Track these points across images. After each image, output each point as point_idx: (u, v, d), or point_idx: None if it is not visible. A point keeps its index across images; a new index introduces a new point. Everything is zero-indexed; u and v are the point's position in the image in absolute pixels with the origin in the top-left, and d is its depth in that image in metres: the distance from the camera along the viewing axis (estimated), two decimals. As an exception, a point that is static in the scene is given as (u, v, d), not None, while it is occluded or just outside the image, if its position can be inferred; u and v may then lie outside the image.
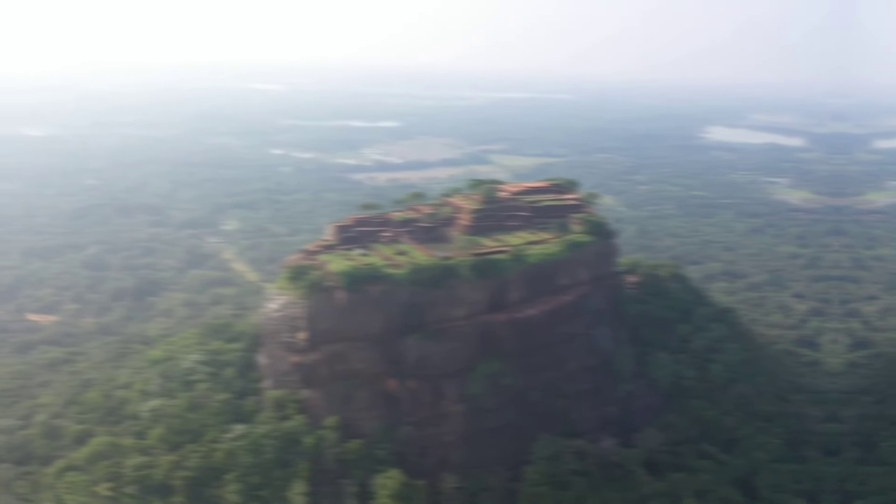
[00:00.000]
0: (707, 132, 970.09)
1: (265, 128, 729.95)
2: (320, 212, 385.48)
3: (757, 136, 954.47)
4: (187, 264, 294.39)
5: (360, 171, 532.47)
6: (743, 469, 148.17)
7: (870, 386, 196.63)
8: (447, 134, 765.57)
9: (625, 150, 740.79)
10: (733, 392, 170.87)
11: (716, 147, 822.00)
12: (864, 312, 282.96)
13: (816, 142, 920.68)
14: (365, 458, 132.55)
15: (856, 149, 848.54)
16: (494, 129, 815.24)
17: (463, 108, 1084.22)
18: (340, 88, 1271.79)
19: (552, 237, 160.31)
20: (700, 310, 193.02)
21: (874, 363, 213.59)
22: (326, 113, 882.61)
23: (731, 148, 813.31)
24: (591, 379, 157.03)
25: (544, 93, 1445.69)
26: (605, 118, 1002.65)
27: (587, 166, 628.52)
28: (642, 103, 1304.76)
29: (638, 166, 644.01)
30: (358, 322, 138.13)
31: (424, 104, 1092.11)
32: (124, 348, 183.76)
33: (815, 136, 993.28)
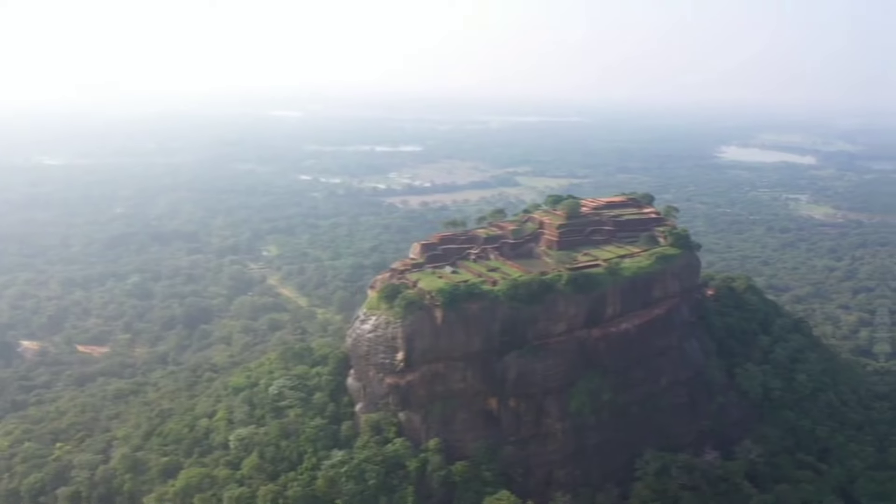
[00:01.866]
0: (722, 152, 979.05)
1: (289, 154, 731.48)
2: (360, 235, 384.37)
3: (769, 154, 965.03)
4: (234, 291, 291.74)
5: (391, 195, 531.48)
6: (841, 478, 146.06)
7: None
8: (470, 157, 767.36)
9: (647, 171, 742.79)
10: (820, 401, 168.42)
11: (733, 166, 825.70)
12: None
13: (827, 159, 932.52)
14: (471, 480, 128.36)
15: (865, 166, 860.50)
16: (516, 152, 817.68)
17: (481, 131, 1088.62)
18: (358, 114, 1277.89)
19: (641, 250, 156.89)
20: (778, 321, 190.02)
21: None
22: (348, 138, 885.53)
23: (748, 167, 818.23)
24: (685, 392, 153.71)
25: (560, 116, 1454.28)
26: (623, 140, 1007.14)
27: (613, 186, 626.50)
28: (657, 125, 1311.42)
29: (664, 186, 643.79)
30: (457, 340, 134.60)
31: (444, 129, 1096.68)
32: (194, 377, 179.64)
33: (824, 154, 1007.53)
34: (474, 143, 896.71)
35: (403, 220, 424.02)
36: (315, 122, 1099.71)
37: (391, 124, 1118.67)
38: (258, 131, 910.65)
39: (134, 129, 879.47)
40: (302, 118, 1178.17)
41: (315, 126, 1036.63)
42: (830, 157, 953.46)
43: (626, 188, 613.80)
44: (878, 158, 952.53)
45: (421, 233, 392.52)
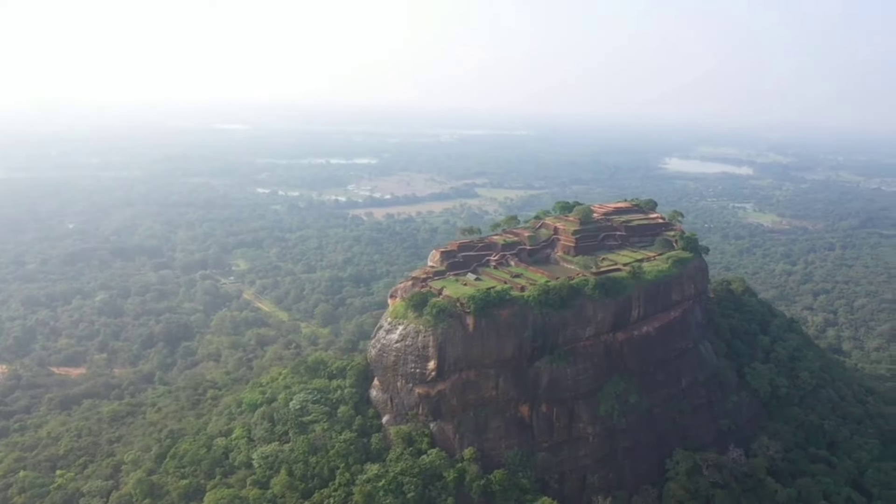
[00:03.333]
0: (666, 163, 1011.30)
1: (242, 167, 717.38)
2: (330, 248, 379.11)
3: (709, 166, 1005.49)
4: (210, 306, 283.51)
5: (354, 207, 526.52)
6: (852, 470, 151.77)
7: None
8: (426, 170, 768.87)
9: (600, 182, 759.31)
10: (822, 397, 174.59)
11: (679, 177, 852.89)
12: (870, 321, 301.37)
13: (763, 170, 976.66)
14: (510, 489, 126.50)
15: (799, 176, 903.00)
16: (470, 164, 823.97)
17: (433, 144, 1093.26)
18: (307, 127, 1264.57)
19: (656, 254, 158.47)
20: (774, 321, 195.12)
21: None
22: (301, 151, 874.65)
23: (693, 177, 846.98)
24: (704, 393, 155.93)
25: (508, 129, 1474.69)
26: (573, 152, 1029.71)
27: (570, 197, 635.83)
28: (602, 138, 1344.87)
29: (618, 196, 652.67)
30: (489, 347, 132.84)
31: (395, 142, 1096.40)
32: (197, 396, 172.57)
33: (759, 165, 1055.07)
34: (428, 156, 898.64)
35: (372, 231, 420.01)
36: (264, 136, 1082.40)
37: (342, 137, 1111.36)
38: (206, 145, 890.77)
39: (74, 142, 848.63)
40: (250, 131, 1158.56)
41: (264, 139, 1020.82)
42: (766, 168, 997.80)
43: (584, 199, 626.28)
44: (809, 169, 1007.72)
45: (393, 244, 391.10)
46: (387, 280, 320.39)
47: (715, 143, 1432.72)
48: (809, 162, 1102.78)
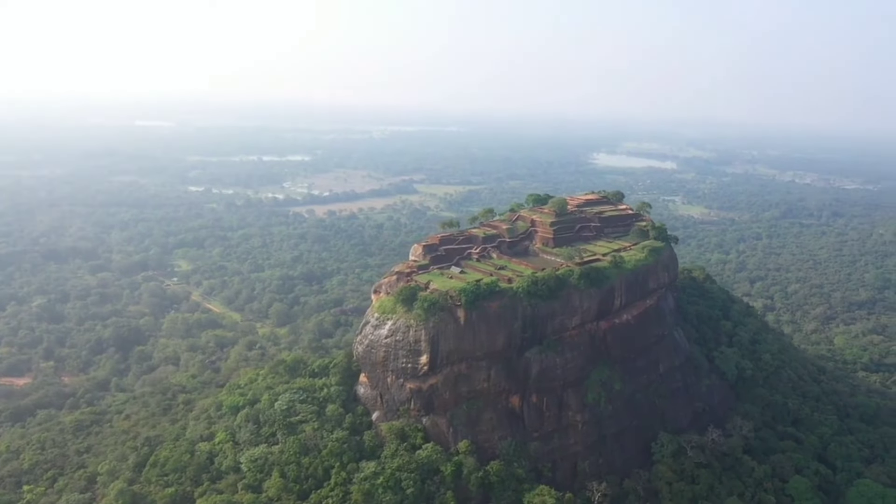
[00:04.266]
0: (595, 159, 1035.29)
1: (171, 165, 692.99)
2: (276, 246, 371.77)
3: (635, 160, 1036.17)
4: (157, 309, 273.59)
5: (294, 205, 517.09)
6: (816, 445, 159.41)
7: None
8: (362, 166, 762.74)
9: (534, 177, 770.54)
10: (783, 377, 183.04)
11: (609, 171, 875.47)
12: (804, 305, 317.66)
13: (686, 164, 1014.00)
14: (507, 479, 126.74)
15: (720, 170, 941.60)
16: (407, 161, 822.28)
17: (367, 140, 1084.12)
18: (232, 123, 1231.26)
19: (631, 244, 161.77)
20: (734, 306, 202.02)
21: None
22: (231, 148, 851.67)
23: (622, 172, 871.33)
24: (679, 377, 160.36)
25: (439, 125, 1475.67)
26: (505, 148, 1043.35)
27: (509, 192, 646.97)
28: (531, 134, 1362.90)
29: (554, 190, 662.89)
30: (480, 340, 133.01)
31: (327, 138, 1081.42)
32: (167, 401, 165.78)
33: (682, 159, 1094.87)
34: (363, 152, 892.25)
35: (317, 229, 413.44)
36: (190, 132, 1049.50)
37: (270, 134, 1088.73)
38: (130, 141, 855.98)
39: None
40: (174, 128, 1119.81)
41: (191, 136, 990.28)
42: (688, 163, 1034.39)
43: (521, 193, 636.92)
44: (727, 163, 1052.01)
45: (340, 242, 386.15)
46: (339, 278, 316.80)
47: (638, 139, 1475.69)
48: (727, 156, 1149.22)
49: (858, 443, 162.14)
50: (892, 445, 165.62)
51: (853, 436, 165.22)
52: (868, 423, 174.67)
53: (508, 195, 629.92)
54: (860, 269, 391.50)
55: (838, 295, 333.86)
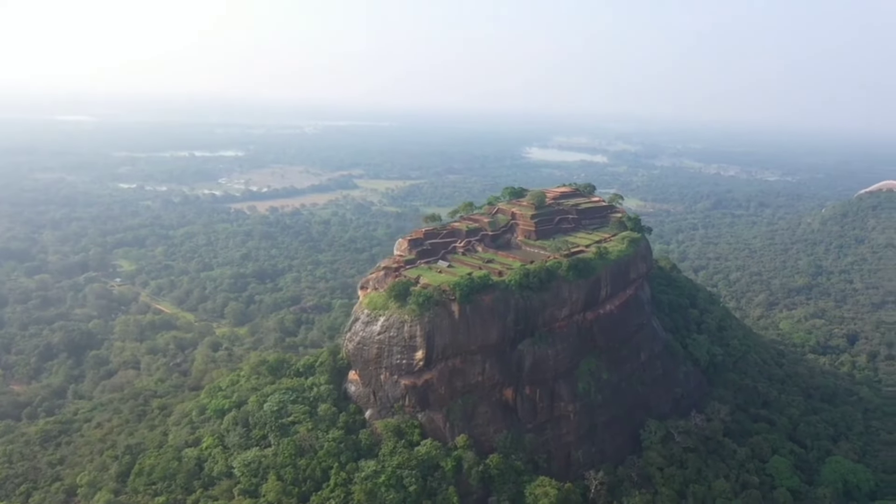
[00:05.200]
0: (528, 153, 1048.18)
1: (98, 161, 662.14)
2: (221, 244, 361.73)
3: (567, 154, 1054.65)
4: (106, 311, 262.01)
5: (233, 201, 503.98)
6: (787, 426, 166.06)
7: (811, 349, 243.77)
8: (298, 161, 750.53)
9: (472, 171, 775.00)
10: (751, 361, 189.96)
11: (543, 165, 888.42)
12: (747, 292, 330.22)
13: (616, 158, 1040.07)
14: (507, 472, 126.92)
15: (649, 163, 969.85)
16: (344, 156, 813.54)
17: (299, 135, 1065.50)
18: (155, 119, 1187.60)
19: (610, 235, 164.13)
20: (699, 294, 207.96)
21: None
22: (159, 144, 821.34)
23: (556, 166, 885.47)
24: (659, 365, 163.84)
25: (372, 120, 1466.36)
26: (440, 143, 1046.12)
27: (450, 186, 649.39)
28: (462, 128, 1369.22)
29: (493, 185, 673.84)
30: (475, 333, 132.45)
31: (257, 133, 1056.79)
32: (140, 406, 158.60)
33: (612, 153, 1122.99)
34: (297, 148, 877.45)
35: (262, 226, 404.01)
36: (113, 128, 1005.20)
37: (197, 129, 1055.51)
38: (51, 138, 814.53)
39: None
40: (97, 123, 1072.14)
41: (115, 131, 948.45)
42: (619, 156, 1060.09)
43: (462, 187, 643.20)
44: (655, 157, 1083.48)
45: (288, 238, 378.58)
46: (293, 275, 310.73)
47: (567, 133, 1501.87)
48: (654, 150, 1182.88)
49: (823, 422, 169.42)
50: (853, 423, 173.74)
51: (818, 415, 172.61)
52: (829, 403, 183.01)
53: (450, 189, 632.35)
54: (793, 256, 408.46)
55: (777, 282, 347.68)
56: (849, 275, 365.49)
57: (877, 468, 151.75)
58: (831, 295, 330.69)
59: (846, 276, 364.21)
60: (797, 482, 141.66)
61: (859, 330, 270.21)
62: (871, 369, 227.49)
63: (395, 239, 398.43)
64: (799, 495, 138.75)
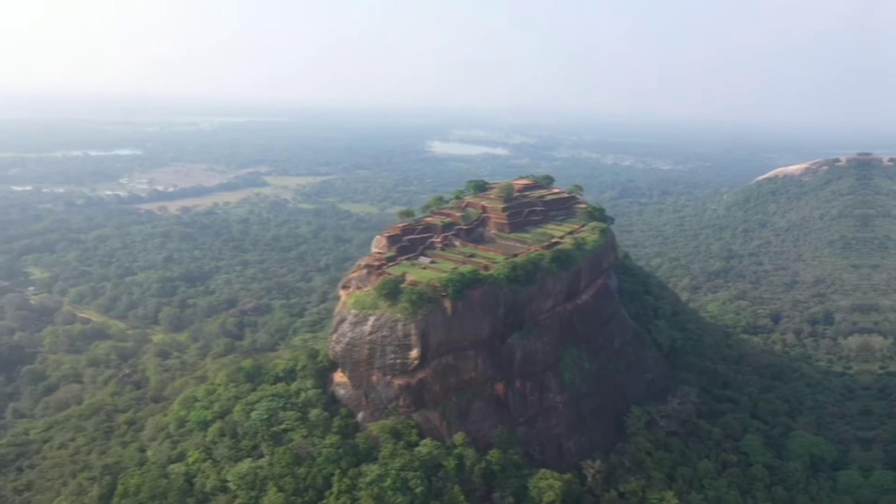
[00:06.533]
0: (431, 147, 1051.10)
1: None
2: (139, 247, 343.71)
3: (469, 148, 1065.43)
4: (28, 323, 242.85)
5: (140, 202, 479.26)
6: (748, 404, 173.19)
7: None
8: (201, 160, 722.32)
9: (380, 165, 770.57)
10: (706, 344, 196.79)
11: (449, 159, 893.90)
12: (671, 277, 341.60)
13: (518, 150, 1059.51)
14: (507, 467, 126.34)
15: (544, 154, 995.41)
16: (247, 153, 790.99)
17: (194, 132, 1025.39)
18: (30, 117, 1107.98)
19: (579, 226, 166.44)
20: (651, 281, 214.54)
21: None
22: (48, 143, 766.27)
23: (462, 159, 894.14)
24: (631, 352, 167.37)
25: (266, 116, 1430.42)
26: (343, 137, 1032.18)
27: (362, 181, 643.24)
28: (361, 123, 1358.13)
29: (406, 178, 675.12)
30: (468, 329, 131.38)
31: (151, 130, 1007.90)
32: (106, 423, 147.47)
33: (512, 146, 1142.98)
34: (197, 145, 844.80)
35: (179, 226, 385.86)
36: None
37: (86, 126, 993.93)
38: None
39: None
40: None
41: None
42: (518, 149, 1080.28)
43: (373, 182, 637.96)
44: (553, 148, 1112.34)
45: (208, 239, 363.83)
46: (224, 276, 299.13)
47: (466, 127, 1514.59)
48: (551, 142, 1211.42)
49: (778, 399, 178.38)
50: (803, 399, 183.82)
51: (772, 393, 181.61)
52: (779, 380, 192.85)
53: (363, 184, 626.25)
54: (704, 241, 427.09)
55: (696, 266, 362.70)
56: (758, 257, 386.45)
57: (832, 440, 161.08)
58: (746, 277, 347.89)
59: (756, 258, 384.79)
60: (770, 458, 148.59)
61: (780, 309, 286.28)
62: (801, 346, 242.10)
63: (319, 237, 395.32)
64: (773, 470, 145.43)
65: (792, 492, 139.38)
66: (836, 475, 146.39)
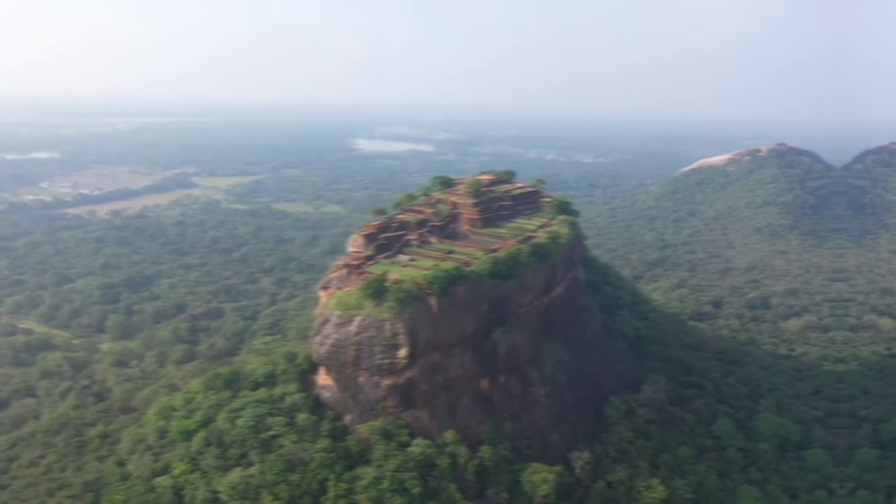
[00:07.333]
0: (357, 144, 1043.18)
1: None
2: (73, 253, 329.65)
3: (395, 145, 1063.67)
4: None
5: (66, 206, 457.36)
6: (713, 389, 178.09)
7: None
8: (124, 161, 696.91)
9: (309, 164, 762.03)
10: (668, 332, 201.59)
11: (377, 156, 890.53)
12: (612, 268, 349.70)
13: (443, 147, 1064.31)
14: (500, 463, 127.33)
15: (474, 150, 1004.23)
16: (171, 154, 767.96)
17: (114, 133, 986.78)
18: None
19: (549, 220, 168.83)
20: (609, 272, 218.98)
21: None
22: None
23: (389, 156, 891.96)
24: (602, 342, 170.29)
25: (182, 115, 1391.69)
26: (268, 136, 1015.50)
27: (294, 180, 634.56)
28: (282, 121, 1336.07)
29: (338, 177, 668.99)
30: (453, 326, 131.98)
31: (68, 132, 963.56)
32: (77, 438, 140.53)
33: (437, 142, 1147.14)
34: (118, 147, 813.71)
35: (112, 230, 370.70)
36: None
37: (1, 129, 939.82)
38: None
39: None
40: None
41: None
42: (444, 145, 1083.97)
43: (306, 181, 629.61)
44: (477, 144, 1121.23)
45: (145, 242, 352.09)
46: (169, 281, 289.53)
47: (389, 124, 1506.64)
48: (475, 138, 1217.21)
49: (739, 383, 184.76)
50: (760, 381, 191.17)
51: (732, 377, 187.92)
52: (736, 365, 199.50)
53: (295, 183, 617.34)
54: (638, 232, 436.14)
55: (635, 256, 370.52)
56: (691, 246, 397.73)
57: (794, 420, 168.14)
58: (682, 266, 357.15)
59: (689, 247, 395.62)
60: (741, 441, 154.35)
61: (720, 296, 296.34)
62: (746, 330, 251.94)
63: (259, 237, 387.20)
64: (745, 452, 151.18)
65: (765, 472, 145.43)
66: (804, 454, 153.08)
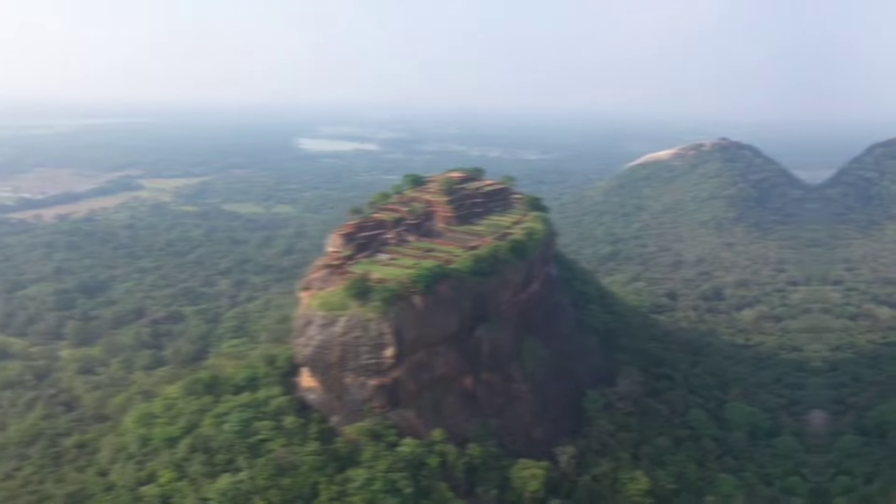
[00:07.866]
0: (302, 144, 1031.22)
1: None
2: (21, 258, 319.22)
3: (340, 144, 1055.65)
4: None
5: (8, 211, 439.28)
6: (682, 380, 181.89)
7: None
8: (65, 164, 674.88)
9: (257, 164, 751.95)
10: (636, 325, 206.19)
11: (322, 156, 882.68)
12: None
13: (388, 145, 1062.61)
14: (488, 460, 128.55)
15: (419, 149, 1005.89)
16: (114, 156, 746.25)
17: (53, 136, 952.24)
18: None
19: (522, 216, 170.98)
20: (576, 266, 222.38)
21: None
22: None
23: (334, 155, 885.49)
24: (576, 337, 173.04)
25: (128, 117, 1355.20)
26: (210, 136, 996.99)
27: (243, 181, 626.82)
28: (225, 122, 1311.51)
29: (286, 177, 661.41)
30: (438, 325, 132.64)
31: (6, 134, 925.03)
32: (51, 449, 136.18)
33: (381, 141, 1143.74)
34: (59, 149, 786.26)
35: (60, 235, 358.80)
36: None
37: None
38: None
39: None
40: None
41: None
42: (389, 143, 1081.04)
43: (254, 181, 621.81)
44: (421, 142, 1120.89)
45: (96, 247, 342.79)
46: (126, 285, 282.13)
47: (333, 123, 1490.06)
48: (418, 136, 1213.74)
49: (706, 373, 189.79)
50: (725, 371, 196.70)
51: (699, 367, 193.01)
52: (700, 355, 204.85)
53: (244, 184, 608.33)
54: (588, 227, 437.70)
55: (588, 251, 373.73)
56: (642, 240, 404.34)
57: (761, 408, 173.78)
58: (634, 259, 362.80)
59: (640, 241, 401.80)
60: (714, 430, 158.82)
61: (674, 288, 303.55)
62: (703, 322, 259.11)
63: (213, 239, 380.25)
64: (720, 441, 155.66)
65: (740, 460, 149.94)
66: (774, 442, 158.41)
